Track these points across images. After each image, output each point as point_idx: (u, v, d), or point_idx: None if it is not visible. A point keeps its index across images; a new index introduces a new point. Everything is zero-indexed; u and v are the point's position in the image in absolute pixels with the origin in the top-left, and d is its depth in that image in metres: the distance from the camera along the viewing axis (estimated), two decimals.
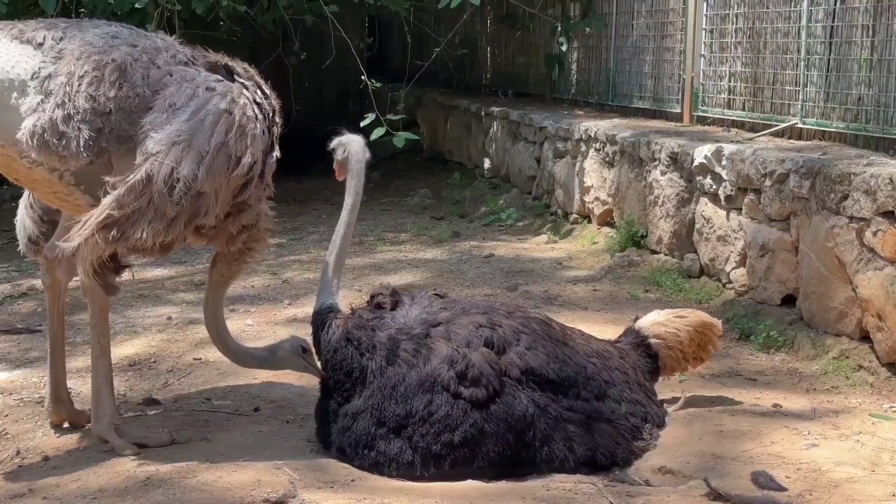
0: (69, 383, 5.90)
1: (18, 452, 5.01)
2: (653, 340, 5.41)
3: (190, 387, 6.01)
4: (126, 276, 5.22)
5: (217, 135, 4.70)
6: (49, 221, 5.25)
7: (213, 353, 6.65)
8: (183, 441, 5.05)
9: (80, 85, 4.60)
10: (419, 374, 4.67)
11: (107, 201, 4.60)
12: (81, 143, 4.58)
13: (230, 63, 5.06)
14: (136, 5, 10.41)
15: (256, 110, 4.89)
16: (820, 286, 6.46)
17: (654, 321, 5.49)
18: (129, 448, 4.90)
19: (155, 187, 4.58)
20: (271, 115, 5.02)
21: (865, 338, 6.10)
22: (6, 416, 5.57)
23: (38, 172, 4.69)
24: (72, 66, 4.62)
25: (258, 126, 4.85)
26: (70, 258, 4.79)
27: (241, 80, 4.95)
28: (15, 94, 4.61)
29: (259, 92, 4.99)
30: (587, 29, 12.29)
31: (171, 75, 4.78)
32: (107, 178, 4.64)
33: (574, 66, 13.27)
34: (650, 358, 5.39)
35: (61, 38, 4.71)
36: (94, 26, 4.87)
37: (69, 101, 4.58)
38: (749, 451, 4.86)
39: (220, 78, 4.89)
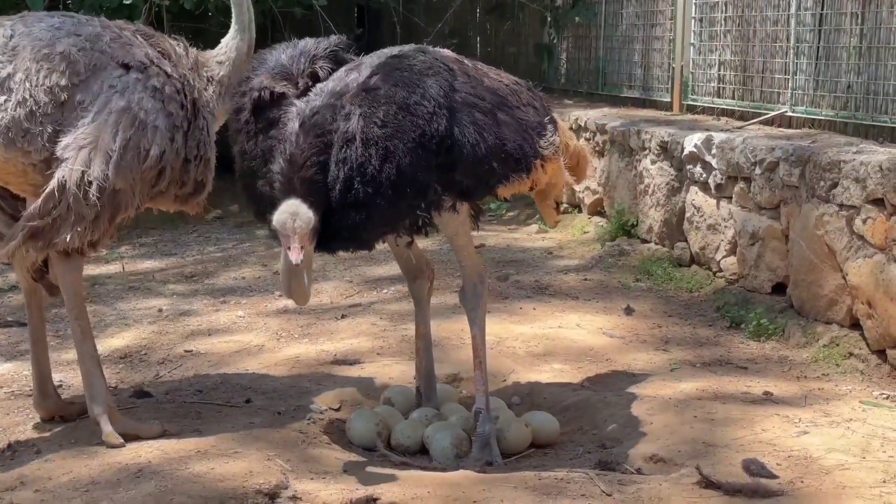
0: (61, 376, 5.91)
1: (10, 445, 5.00)
2: None
3: (181, 379, 6.00)
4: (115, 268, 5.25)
5: (122, 132, 4.78)
6: (14, 217, 5.25)
7: (204, 345, 6.67)
8: (174, 433, 5.04)
9: (37, 79, 4.67)
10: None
11: (28, 213, 4.74)
12: (45, 138, 4.68)
13: (148, 50, 5.04)
14: (125, 0, 10.35)
15: (157, 99, 4.91)
16: (810, 274, 6.48)
17: None
18: (116, 437, 4.89)
19: (69, 194, 4.68)
20: (182, 91, 5.03)
21: (855, 325, 6.12)
22: None
23: (12, 166, 4.77)
24: (27, 63, 4.68)
25: (160, 117, 4.89)
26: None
27: (143, 72, 4.93)
28: None
29: (163, 79, 4.98)
30: (577, 19, 12.27)
31: (104, 63, 4.83)
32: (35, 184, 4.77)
33: (563, 56, 13.26)
34: None
35: (11, 36, 4.76)
36: (37, 20, 4.90)
37: (30, 97, 4.65)
38: (740, 438, 4.87)
39: (123, 72, 4.87)
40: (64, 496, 4.33)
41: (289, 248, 4.31)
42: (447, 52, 4.90)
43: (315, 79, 4.71)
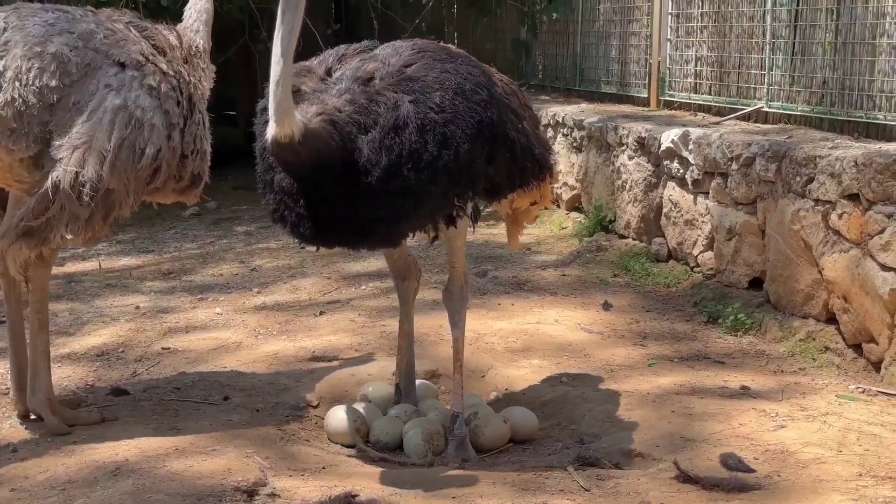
0: None
1: None
2: None
3: (159, 376, 5.97)
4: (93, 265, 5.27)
5: (117, 131, 4.76)
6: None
7: (182, 342, 6.64)
8: (112, 419, 5.13)
9: (27, 78, 4.64)
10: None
11: (21, 213, 4.75)
12: (32, 138, 4.69)
13: (143, 45, 5.02)
14: None
15: (154, 97, 4.91)
16: (786, 269, 6.51)
17: None
18: (62, 426, 5.03)
19: (63, 194, 4.68)
20: (178, 88, 5.03)
21: (831, 319, 6.15)
22: None
23: None
24: (18, 61, 4.66)
25: (156, 115, 4.89)
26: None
27: (139, 69, 4.91)
28: None
29: (159, 76, 4.97)
30: (554, 14, 12.29)
31: (98, 62, 4.81)
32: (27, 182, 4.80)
33: (541, 52, 13.27)
34: None
35: (4, 29, 4.74)
36: (32, 14, 4.86)
37: (18, 96, 4.63)
38: (718, 433, 4.89)
39: (118, 70, 4.85)
40: (41, 495, 4.31)
41: None
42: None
43: None
